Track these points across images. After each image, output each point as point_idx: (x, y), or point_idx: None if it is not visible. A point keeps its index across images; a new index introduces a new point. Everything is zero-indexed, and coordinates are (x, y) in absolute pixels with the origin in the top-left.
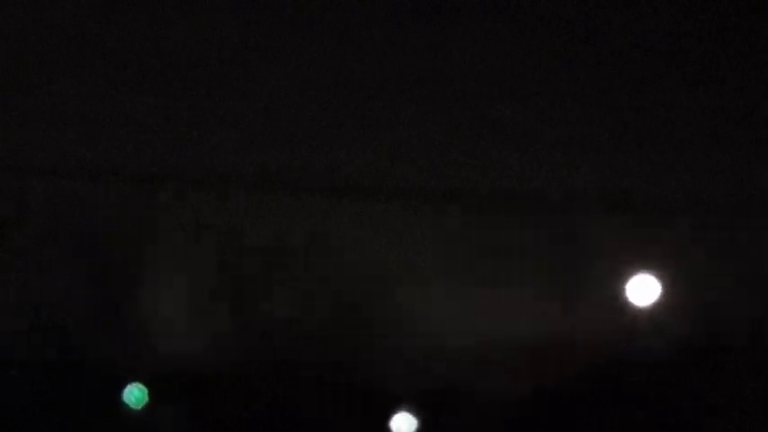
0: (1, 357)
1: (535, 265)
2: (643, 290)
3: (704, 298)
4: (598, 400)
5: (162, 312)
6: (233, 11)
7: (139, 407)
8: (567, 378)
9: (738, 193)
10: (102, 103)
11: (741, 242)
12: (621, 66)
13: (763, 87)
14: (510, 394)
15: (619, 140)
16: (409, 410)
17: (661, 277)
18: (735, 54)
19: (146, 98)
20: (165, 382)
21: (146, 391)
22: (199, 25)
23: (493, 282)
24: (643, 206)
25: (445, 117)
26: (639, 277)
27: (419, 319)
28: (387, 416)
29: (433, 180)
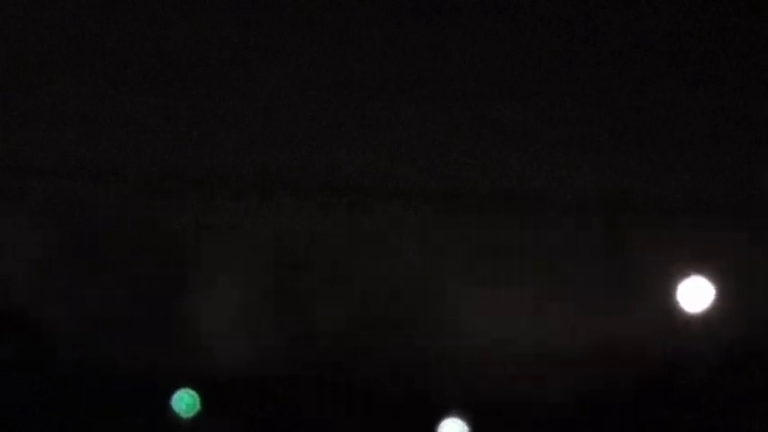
0: (42, 362)
1: (586, 269)
2: (695, 294)
3: (759, 300)
4: (650, 406)
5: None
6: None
7: (190, 414)
8: (618, 384)
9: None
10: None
11: None
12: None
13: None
14: (559, 400)
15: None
16: (459, 416)
17: (714, 281)
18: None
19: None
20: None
21: (197, 397)
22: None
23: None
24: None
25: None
26: (691, 281)
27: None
28: (435, 422)
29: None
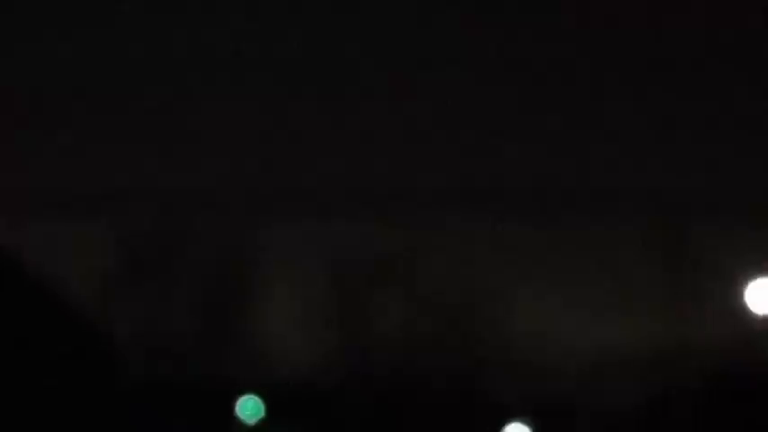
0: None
1: (649, 273)
2: (763, 295)
3: None
4: (719, 407)
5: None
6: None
7: (254, 420)
8: (683, 388)
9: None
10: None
11: None
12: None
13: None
14: (625, 404)
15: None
16: (523, 421)
17: None
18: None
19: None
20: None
21: (261, 403)
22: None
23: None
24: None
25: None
26: (759, 283)
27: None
28: (500, 426)
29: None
